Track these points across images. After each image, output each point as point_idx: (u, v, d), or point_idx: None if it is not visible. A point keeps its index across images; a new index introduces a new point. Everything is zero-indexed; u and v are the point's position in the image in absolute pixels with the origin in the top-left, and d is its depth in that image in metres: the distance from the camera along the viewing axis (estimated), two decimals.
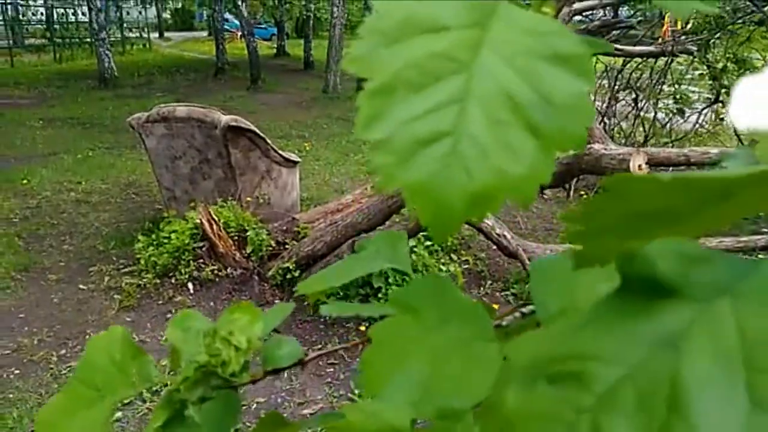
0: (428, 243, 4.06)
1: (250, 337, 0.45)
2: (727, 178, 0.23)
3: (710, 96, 6.72)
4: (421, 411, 0.33)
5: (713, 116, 6.79)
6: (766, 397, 0.21)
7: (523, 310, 0.45)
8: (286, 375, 3.33)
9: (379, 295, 3.71)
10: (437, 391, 0.34)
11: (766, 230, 5.05)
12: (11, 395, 3.21)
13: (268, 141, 4.91)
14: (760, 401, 0.21)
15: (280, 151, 5.07)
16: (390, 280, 3.70)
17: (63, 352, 3.59)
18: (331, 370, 3.45)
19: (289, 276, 4.04)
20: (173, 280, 4.25)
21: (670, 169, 6.41)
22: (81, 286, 4.38)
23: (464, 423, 0.33)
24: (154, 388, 3.28)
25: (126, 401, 3.17)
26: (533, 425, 0.23)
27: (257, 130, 4.83)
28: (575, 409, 0.23)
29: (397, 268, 0.49)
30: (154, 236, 4.46)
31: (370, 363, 0.36)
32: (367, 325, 3.71)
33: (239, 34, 20.23)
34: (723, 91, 5.98)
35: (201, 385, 0.44)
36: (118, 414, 3.08)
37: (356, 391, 3.26)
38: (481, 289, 4.35)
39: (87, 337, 3.67)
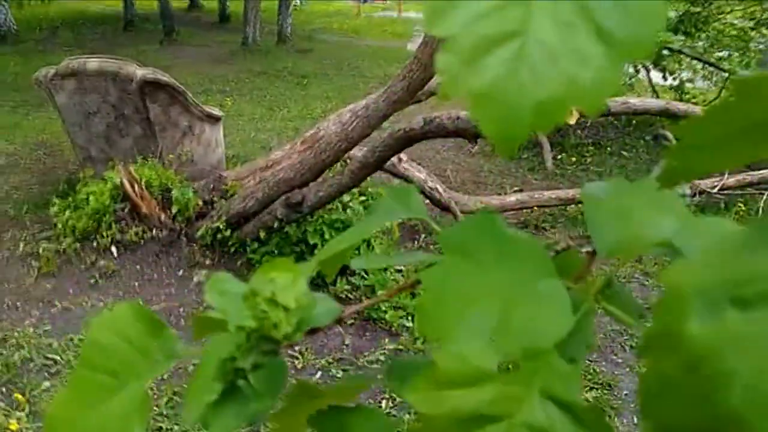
0: (362, 198, 4.01)
1: (297, 296, 0.41)
2: None
3: None
4: (507, 352, 0.31)
5: (631, 69, 7.00)
6: None
7: (557, 248, 0.41)
8: None
9: (315, 252, 3.65)
10: (516, 331, 0.31)
11: None
12: None
13: (189, 95, 4.69)
14: None
15: (202, 106, 4.86)
16: (326, 237, 3.64)
17: None
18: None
19: (219, 236, 3.92)
20: (95, 244, 4.04)
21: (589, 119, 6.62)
22: None
23: (552, 363, 0.30)
24: None
25: None
26: (735, 354, 0.20)
27: (176, 84, 4.60)
28: None
29: (414, 217, 0.47)
30: (70, 199, 4.20)
31: (428, 309, 0.33)
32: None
33: None
34: None
35: (254, 351, 0.40)
36: None
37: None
38: (416, 242, 4.36)
39: (5, 305, 3.45)
